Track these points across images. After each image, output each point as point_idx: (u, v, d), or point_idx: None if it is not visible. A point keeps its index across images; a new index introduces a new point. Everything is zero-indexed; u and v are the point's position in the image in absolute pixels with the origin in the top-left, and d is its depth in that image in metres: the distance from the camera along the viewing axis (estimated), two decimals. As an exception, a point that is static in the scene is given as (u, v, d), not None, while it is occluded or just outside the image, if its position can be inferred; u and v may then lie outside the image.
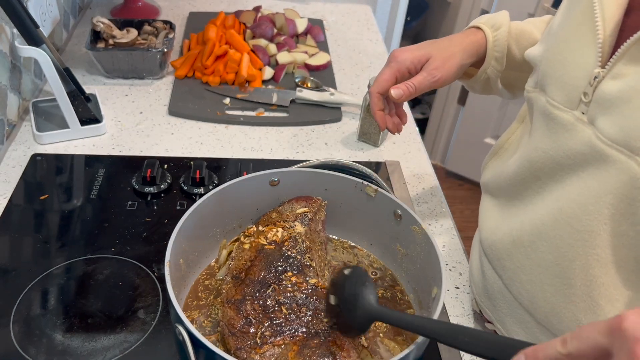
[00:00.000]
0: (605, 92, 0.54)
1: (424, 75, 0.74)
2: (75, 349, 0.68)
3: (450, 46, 0.76)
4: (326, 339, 0.61)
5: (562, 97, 0.59)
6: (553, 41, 0.62)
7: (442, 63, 0.74)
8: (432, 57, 0.74)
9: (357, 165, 0.79)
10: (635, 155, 0.51)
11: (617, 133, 0.52)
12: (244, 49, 1.25)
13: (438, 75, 0.74)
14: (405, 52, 0.75)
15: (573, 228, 0.58)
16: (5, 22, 0.99)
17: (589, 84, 0.56)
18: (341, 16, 1.58)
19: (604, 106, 0.54)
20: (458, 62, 0.75)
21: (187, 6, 1.55)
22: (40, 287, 0.75)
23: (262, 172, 0.76)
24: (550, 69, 0.61)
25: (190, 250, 0.71)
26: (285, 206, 0.77)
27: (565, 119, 0.58)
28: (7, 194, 0.90)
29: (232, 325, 0.62)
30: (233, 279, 0.68)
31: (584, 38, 0.57)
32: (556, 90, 0.60)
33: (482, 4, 2.23)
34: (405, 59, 0.74)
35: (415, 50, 0.75)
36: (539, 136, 0.63)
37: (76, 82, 1.03)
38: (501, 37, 0.76)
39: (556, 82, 0.60)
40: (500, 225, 0.70)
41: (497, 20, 0.77)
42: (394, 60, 0.75)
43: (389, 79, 0.74)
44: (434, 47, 0.76)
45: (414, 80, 0.74)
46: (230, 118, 1.12)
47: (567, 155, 0.58)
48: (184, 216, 0.68)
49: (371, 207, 0.76)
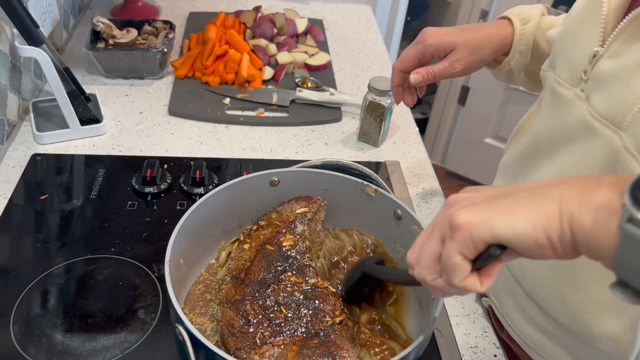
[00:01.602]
0: (601, 70, 0.56)
1: (444, 66, 0.78)
2: (75, 349, 0.68)
3: (479, 39, 0.78)
4: (326, 339, 0.61)
5: (566, 74, 0.62)
6: (566, 25, 0.65)
7: (466, 56, 0.77)
8: (458, 48, 0.77)
9: (357, 165, 0.79)
10: (619, 129, 0.54)
11: (605, 108, 0.55)
12: (244, 49, 1.25)
13: (459, 68, 0.78)
14: (435, 36, 0.78)
15: None
16: (5, 22, 0.99)
17: (589, 62, 0.58)
18: (341, 16, 1.58)
19: (599, 84, 0.57)
20: (481, 57, 0.78)
21: (187, 6, 1.55)
22: (40, 287, 0.76)
23: (262, 172, 0.76)
24: (560, 48, 0.64)
25: (190, 250, 0.72)
26: (285, 206, 0.77)
27: (567, 95, 0.61)
28: (7, 194, 0.90)
29: (232, 326, 0.62)
30: (233, 279, 0.68)
31: (591, 18, 0.59)
32: (562, 68, 0.63)
33: (482, 4, 2.23)
34: (433, 44, 0.77)
35: (444, 36, 0.78)
36: (545, 112, 0.66)
37: (76, 82, 1.03)
38: (528, 31, 0.78)
39: (563, 61, 0.63)
40: None
41: (528, 14, 0.79)
42: (423, 42, 0.78)
43: (413, 59, 0.78)
44: (463, 36, 0.78)
45: (434, 68, 0.78)
46: (230, 118, 1.12)
47: (564, 129, 0.61)
48: (184, 216, 0.68)
49: (371, 207, 0.76)
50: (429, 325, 0.59)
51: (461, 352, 0.73)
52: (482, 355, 0.74)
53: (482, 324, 0.78)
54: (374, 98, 1.02)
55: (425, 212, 0.95)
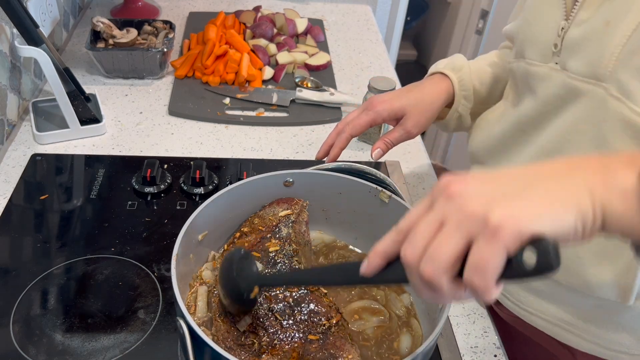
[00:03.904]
0: (571, 38, 0.62)
1: (400, 133, 0.82)
2: (75, 349, 0.68)
3: (426, 98, 0.83)
4: (324, 341, 0.61)
5: (537, 54, 0.67)
6: (525, 13, 0.71)
7: (418, 118, 0.81)
8: (408, 113, 0.81)
9: (371, 169, 0.78)
10: (600, 81, 0.59)
11: (585, 68, 0.61)
12: (244, 49, 1.25)
13: (414, 132, 0.82)
14: (384, 103, 0.81)
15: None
16: (5, 22, 0.99)
17: (557, 35, 0.64)
18: (341, 16, 1.58)
19: (572, 50, 0.62)
20: (432, 114, 0.83)
21: (187, 6, 1.55)
22: (40, 287, 0.76)
23: (277, 172, 0.74)
24: (525, 35, 0.69)
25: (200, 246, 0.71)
26: (267, 210, 0.75)
27: (542, 71, 0.67)
28: (7, 194, 0.90)
29: (227, 339, 0.61)
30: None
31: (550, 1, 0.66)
32: (532, 50, 0.68)
33: (482, 4, 2.23)
34: (383, 111, 0.81)
35: (393, 101, 0.81)
36: (524, 97, 0.71)
37: (76, 82, 1.03)
38: (465, 77, 0.83)
39: (531, 43, 0.68)
40: None
41: (456, 64, 0.84)
42: (372, 109, 0.81)
43: (365, 126, 0.81)
44: (410, 98, 0.82)
45: (391, 137, 0.82)
46: (230, 118, 1.12)
47: (547, 101, 0.66)
48: (194, 214, 0.66)
49: (384, 213, 0.74)
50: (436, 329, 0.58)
51: (461, 352, 0.73)
52: (482, 355, 0.74)
53: (482, 324, 0.78)
54: (374, 98, 1.02)
55: (425, 212, 0.95)
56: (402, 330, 0.69)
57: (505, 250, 0.38)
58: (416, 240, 0.42)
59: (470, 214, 0.39)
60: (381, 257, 0.46)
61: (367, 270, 0.46)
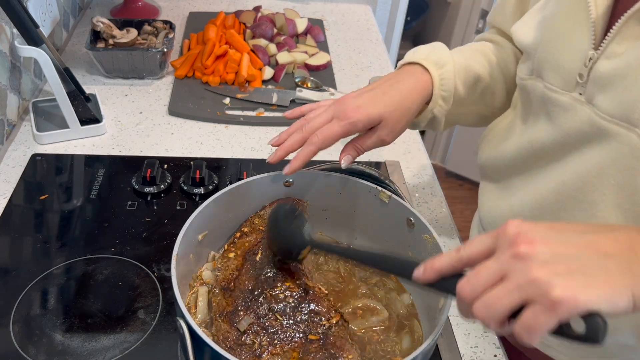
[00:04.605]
0: (600, 71, 0.57)
1: (374, 140, 0.72)
2: (75, 349, 0.68)
3: (403, 102, 0.72)
4: (324, 341, 0.61)
5: (559, 80, 0.62)
6: (547, 28, 0.64)
7: (394, 126, 0.71)
8: (385, 120, 0.70)
9: (371, 169, 0.77)
10: (635, 127, 0.54)
11: (615, 109, 0.56)
12: (244, 49, 1.25)
13: (389, 140, 0.72)
14: (358, 111, 0.69)
15: (576, 200, 0.62)
16: (5, 22, 0.99)
17: (584, 65, 0.59)
18: (341, 16, 1.58)
19: (601, 85, 0.57)
20: (408, 119, 0.73)
21: (187, 6, 1.55)
22: (40, 287, 0.76)
23: (277, 172, 0.73)
24: (546, 55, 0.64)
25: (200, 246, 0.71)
26: (268, 210, 0.75)
27: (563, 101, 0.62)
28: (7, 194, 0.90)
29: (227, 339, 0.61)
30: (222, 291, 0.66)
31: (577, 22, 0.60)
32: (553, 74, 0.63)
33: (482, 4, 2.23)
34: (359, 122, 0.69)
35: (369, 108, 0.70)
36: (539, 120, 0.66)
37: (76, 82, 1.03)
38: (448, 75, 0.73)
39: (552, 67, 0.63)
40: (500, 203, 0.74)
41: (440, 57, 0.73)
42: (347, 119, 0.69)
43: (337, 139, 0.70)
44: (387, 105, 0.70)
45: (363, 144, 0.72)
46: (230, 118, 1.12)
47: (568, 134, 0.61)
48: (194, 214, 0.66)
49: (384, 213, 0.74)
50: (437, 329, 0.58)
51: (461, 352, 0.73)
52: (482, 355, 0.74)
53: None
54: (374, 98, 1.02)
55: (425, 212, 0.95)
56: (402, 330, 0.69)
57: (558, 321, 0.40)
58: (477, 283, 0.44)
59: (534, 280, 0.41)
60: (435, 274, 0.48)
61: (420, 279, 0.50)
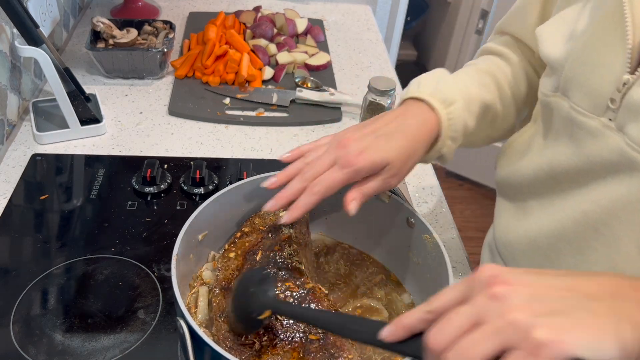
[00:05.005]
0: (635, 98, 0.53)
1: (379, 184, 0.67)
2: (75, 349, 0.68)
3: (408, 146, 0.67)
4: (325, 341, 0.61)
5: (587, 103, 0.58)
6: (578, 45, 0.59)
7: (399, 170, 0.67)
8: (390, 164, 0.66)
9: None
10: None
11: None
12: (244, 49, 1.25)
13: (394, 183, 0.68)
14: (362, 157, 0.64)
15: (597, 232, 0.58)
16: (5, 22, 0.99)
17: (617, 90, 0.54)
18: (341, 16, 1.58)
19: (635, 112, 0.53)
20: (415, 161, 0.69)
21: (187, 6, 1.55)
22: (40, 287, 0.76)
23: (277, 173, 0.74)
24: (575, 74, 0.59)
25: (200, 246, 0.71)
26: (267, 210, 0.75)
27: (591, 125, 0.57)
28: (7, 194, 0.90)
29: (228, 339, 0.61)
30: (222, 291, 0.65)
31: (612, 43, 0.55)
32: (581, 95, 0.58)
33: (482, 4, 2.23)
34: (362, 169, 0.64)
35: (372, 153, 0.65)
36: (561, 141, 0.62)
37: (76, 82, 1.03)
38: (456, 113, 0.68)
39: (581, 88, 0.58)
40: (515, 225, 0.70)
41: (446, 93, 0.68)
42: (349, 165, 0.64)
43: (340, 187, 0.65)
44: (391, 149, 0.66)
45: (369, 189, 0.66)
46: (230, 118, 1.12)
47: (594, 161, 0.57)
48: (194, 214, 0.66)
49: (384, 213, 0.74)
50: None
51: (461, 352, 0.73)
52: (482, 355, 0.73)
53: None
54: (374, 98, 1.02)
55: (425, 212, 0.95)
56: None
57: None
58: (447, 331, 0.41)
59: (513, 322, 0.38)
60: (405, 331, 0.45)
61: (387, 338, 0.45)
